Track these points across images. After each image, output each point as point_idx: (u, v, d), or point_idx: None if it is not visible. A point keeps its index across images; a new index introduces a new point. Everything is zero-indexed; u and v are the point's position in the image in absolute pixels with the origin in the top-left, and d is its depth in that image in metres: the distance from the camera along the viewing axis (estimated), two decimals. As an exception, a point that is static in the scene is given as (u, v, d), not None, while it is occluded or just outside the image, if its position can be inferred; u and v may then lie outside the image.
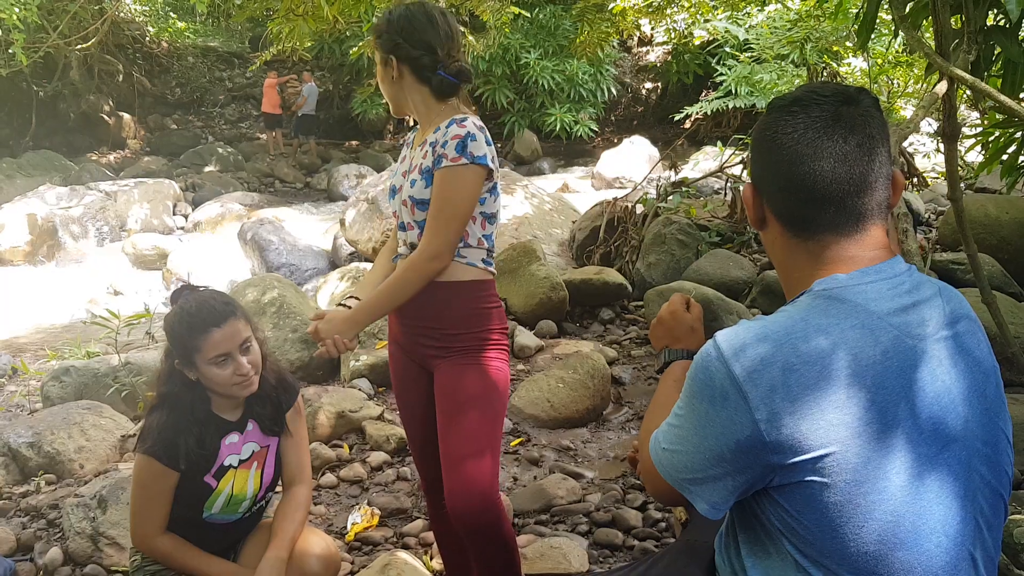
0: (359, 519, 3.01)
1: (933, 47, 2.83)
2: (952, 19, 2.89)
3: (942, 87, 2.66)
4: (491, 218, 2.09)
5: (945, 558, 1.13)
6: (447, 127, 2.00)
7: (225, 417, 2.06)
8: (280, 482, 2.20)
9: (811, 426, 1.10)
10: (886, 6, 3.14)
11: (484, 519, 1.99)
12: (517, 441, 3.68)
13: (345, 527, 2.99)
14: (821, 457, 1.09)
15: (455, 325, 2.05)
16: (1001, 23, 2.96)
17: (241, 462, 2.07)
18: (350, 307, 2.12)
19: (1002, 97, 2.50)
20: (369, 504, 3.13)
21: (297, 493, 2.15)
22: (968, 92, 3.57)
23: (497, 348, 2.10)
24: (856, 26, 3.23)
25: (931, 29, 2.98)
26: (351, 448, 3.65)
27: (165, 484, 1.98)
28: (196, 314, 1.94)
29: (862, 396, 1.10)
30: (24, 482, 3.42)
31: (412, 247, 2.07)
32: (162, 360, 2.05)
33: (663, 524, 2.94)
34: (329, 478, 3.36)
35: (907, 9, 3.01)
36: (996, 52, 2.97)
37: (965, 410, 1.16)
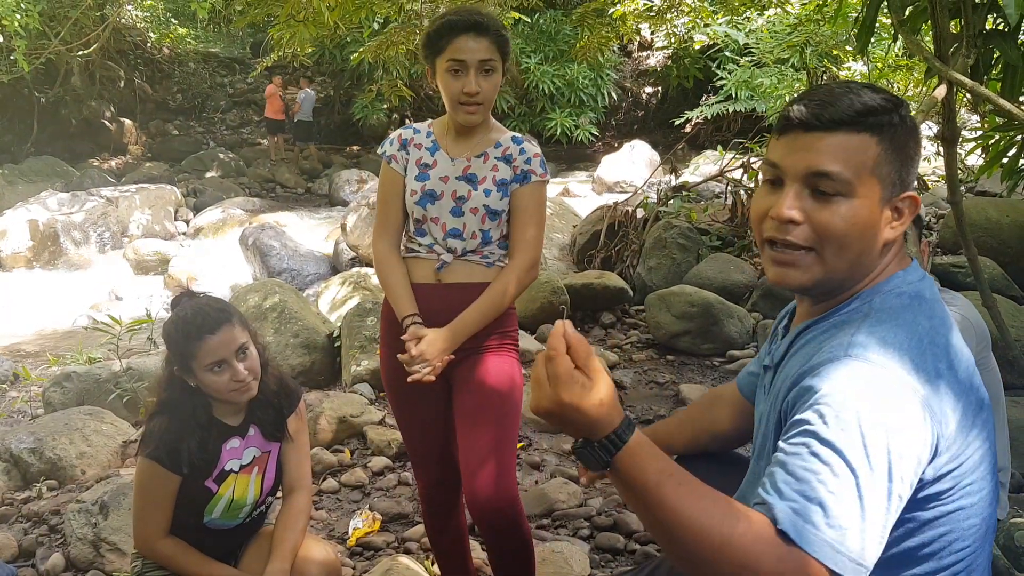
0: (360, 524, 3.01)
1: (932, 51, 2.84)
2: (951, 23, 2.89)
3: (941, 91, 2.67)
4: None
5: (990, 545, 1.15)
6: (517, 144, 2.10)
7: (227, 422, 2.06)
8: (280, 488, 2.20)
9: (961, 432, 1.07)
10: (886, 10, 3.15)
11: (509, 515, 2.02)
12: (519, 445, 3.68)
13: (346, 532, 2.99)
14: (963, 463, 1.07)
15: (489, 324, 2.08)
16: (1000, 27, 2.97)
17: (242, 467, 2.07)
18: (418, 324, 2.03)
19: (1001, 101, 2.51)
20: (370, 509, 3.13)
21: (297, 500, 2.15)
22: (968, 96, 3.57)
23: (514, 347, 2.16)
24: (856, 30, 3.23)
25: (930, 33, 2.99)
26: (352, 453, 3.65)
27: (167, 488, 1.98)
28: (191, 321, 1.95)
29: (977, 394, 1.11)
30: (26, 488, 3.43)
31: (464, 253, 2.09)
32: (162, 367, 2.06)
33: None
34: (330, 483, 3.36)
35: (906, 13, 3.02)
36: (995, 56, 2.98)
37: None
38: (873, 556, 0.97)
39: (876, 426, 0.99)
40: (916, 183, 1.17)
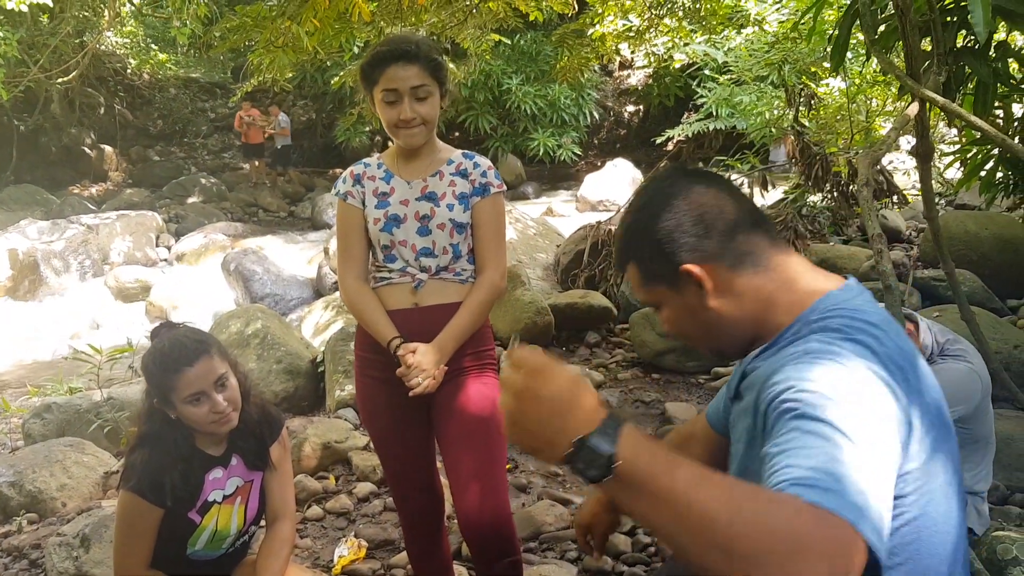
0: (346, 552, 2.98)
1: (904, 69, 2.88)
2: (922, 41, 2.94)
3: (913, 108, 2.70)
4: None
5: (963, 562, 1.15)
6: (470, 159, 2.15)
7: (209, 452, 2.04)
8: (264, 517, 2.18)
9: (922, 428, 1.08)
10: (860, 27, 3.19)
11: (502, 535, 2.03)
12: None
13: (332, 560, 2.96)
14: (923, 463, 1.07)
15: (467, 343, 2.09)
16: (971, 44, 3.01)
17: (225, 497, 2.05)
18: (399, 343, 2.05)
19: (971, 117, 2.54)
20: (356, 536, 3.10)
21: (281, 529, 2.13)
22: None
23: (494, 366, 2.17)
24: (831, 48, 3.27)
25: (903, 51, 3.03)
26: (337, 479, 3.62)
27: (149, 521, 1.96)
28: (169, 353, 1.93)
29: (932, 405, 1.12)
30: (6, 522, 3.38)
31: (437, 271, 2.10)
32: (142, 399, 2.04)
33: (652, 549, 2.93)
34: (315, 510, 3.33)
35: (878, 33, 3.06)
36: (967, 72, 3.02)
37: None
38: (887, 523, 0.94)
39: (853, 395, 0.99)
40: (709, 250, 1.21)
